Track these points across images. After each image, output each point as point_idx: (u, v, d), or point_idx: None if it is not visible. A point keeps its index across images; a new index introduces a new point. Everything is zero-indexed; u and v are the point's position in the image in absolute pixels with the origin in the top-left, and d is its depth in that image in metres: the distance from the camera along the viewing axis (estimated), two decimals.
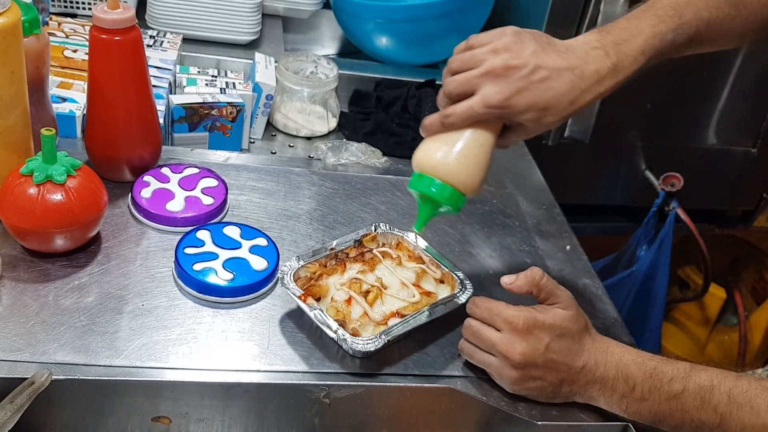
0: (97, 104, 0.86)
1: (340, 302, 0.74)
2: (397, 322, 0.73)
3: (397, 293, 0.77)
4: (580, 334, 0.72)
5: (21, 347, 0.68)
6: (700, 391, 0.67)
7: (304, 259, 0.79)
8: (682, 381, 0.68)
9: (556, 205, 1.09)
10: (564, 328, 0.71)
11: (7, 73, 0.74)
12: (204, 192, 0.89)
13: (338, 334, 0.71)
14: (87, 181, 0.77)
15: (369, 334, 0.72)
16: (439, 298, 0.78)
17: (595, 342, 0.73)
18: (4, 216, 0.76)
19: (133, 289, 0.77)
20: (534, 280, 0.73)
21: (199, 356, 0.71)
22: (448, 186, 0.72)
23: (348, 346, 0.71)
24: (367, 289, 0.76)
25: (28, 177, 0.75)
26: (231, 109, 1.07)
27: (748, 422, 0.66)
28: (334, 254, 0.81)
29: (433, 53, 1.42)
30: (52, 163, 0.75)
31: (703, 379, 0.68)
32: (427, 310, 0.75)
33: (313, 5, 1.47)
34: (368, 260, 0.80)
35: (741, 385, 0.67)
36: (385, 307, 0.75)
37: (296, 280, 0.77)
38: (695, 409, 0.68)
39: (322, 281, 0.77)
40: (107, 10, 0.80)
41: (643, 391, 0.69)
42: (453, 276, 0.81)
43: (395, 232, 0.86)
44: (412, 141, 1.25)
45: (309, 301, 0.74)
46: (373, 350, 0.70)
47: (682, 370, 0.69)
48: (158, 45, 1.18)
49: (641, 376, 0.70)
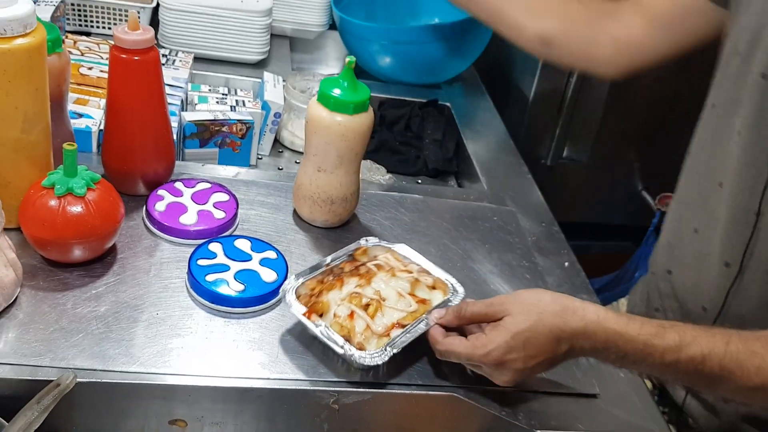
0: (115, 120, 0.89)
1: (343, 317, 0.76)
2: (399, 333, 0.76)
3: (396, 304, 0.79)
4: (548, 324, 0.72)
5: (41, 352, 0.71)
6: (692, 362, 0.70)
7: (303, 277, 0.81)
8: (674, 353, 0.70)
9: (555, 222, 1.12)
10: (525, 331, 0.71)
11: (31, 90, 0.78)
12: (216, 206, 0.93)
13: (345, 349, 0.73)
14: (105, 194, 0.81)
15: (373, 347, 0.75)
16: (434, 304, 0.81)
17: (568, 324, 0.72)
18: (25, 227, 0.79)
19: (148, 298, 0.80)
20: (461, 313, 0.76)
21: (212, 364, 0.74)
22: None
23: (355, 361, 0.73)
24: (367, 302, 0.78)
25: (49, 189, 0.78)
26: (241, 126, 1.11)
27: (739, 384, 0.70)
28: (330, 270, 0.83)
29: (435, 74, 1.46)
30: (72, 176, 0.78)
31: (694, 352, 0.70)
32: (425, 317, 0.78)
33: (320, 26, 1.51)
34: (364, 273, 0.82)
35: (730, 352, 0.70)
36: (385, 318, 0.77)
37: (298, 297, 0.78)
38: (688, 375, 0.71)
39: (323, 297, 0.79)
40: (128, 31, 0.84)
41: (635, 359, 0.72)
42: (444, 282, 0.84)
43: (384, 244, 0.89)
44: (416, 159, 1.29)
45: (313, 318, 0.76)
46: (380, 363, 0.73)
47: (673, 343, 0.71)
48: (170, 63, 1.21)
49: (632, 349, 0.71)
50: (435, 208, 1.07)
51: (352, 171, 0.94)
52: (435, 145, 1.29)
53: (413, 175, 1.28)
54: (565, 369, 0.82)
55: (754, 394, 0.72)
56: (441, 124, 1.33)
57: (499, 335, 0.72)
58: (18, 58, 0.75)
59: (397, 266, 0.85)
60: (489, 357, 0.72)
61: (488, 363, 0.73)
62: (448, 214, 1.06)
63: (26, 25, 0.75)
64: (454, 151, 1.29)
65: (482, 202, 1.11)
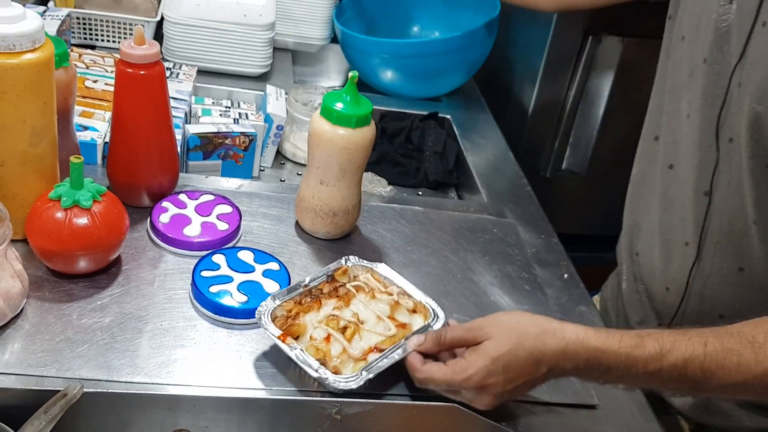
0: (121, 133, 0.91)
1: (319, 340, 0.76)
2: (376, 357, 0.75)
3: (374, 327, 0.78)
4: (527, 347, 0.72)
5: (47, 363, 0.72)
6: (675, 368, 0.71)
7: (280, 298, 0.79)
8: (656, 362, 0.71)
9: (554, 234, 1.13)
10: (506, 355, 0.72)
11: (40, 103, 0.79)
12: (219, 218, 0.94)
13: (320, 372, 0.72)
14: (111, 206, 0.82)
15: (349, 371, 0.74)
16: (414, 329, 0.80)
17: (547, 346, 0.72)
18: (31, 238, 0.81)
19: (152, 309, 0.81)
20: (440, 340, 0.76)
21: (215, 374, 0.75)
22: None
23: (329, 385, 0.73)
24: (345, 325, 0.78)
25: (56, 201, 0.79)
26: (244, 139, 1.12)
27: (721, 383, 0.71)
28: (308, 291, 0.82)
29: (436, 87, 1.47)
30: (79, 188, 0.79)
31: (675, 358, 0.71)
32: (404, 342, 0.77)
33: (321, 40, 1.53)
34: (343, 295, 0.82)
35: (709, 353, 0.71)
36: (363, 342, 0.76)
37: (274, 319, 0.77)
38: (672, 382, 0.72)
39: (300, 320, 0.78)
40: (134, 45, 0.85)
41: (619, 373, 0.72)
42: (424, 306, 0.82)
43: (365, 264, 0.87)
44: (416, 171, 1.31)
45: (288, 341, 0.75)
46: (354, 388, 0.72)
47: (654, 352, 0.71)
48: (174, 77, 1.23)
49: (615, 363, 0.72)
50: (435, 220, 1.08)
51: (353, 183, 0.95)
52: (435, 157, 1.31)
53: (414, 187, 1.30)
54: (565, 380, 0.83)
55: (735, 390, 0.72)
56: (441, 136, 1.34)
57: (479, 359, 0.72)
58: (26, 72, 0.76)
59: (377, 288, 0.84)
60: (469, 382, 0.72)
61: (469, 387, 0.73)
62: (448, 225, 1.08)
63: (35, 41, 0.76)
64: (454, 164, 1.31)
65: (482, 214, 1.13)
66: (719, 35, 0.83)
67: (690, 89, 0.88)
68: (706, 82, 0.85)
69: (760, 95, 0.77)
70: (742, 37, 0.80)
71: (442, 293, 0.93)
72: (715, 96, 0.84)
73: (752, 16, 0.78)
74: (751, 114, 0.78)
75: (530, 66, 1.56)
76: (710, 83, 0.85)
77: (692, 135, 0.87)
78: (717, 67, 0.84)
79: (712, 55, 0.84)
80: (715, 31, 0.84)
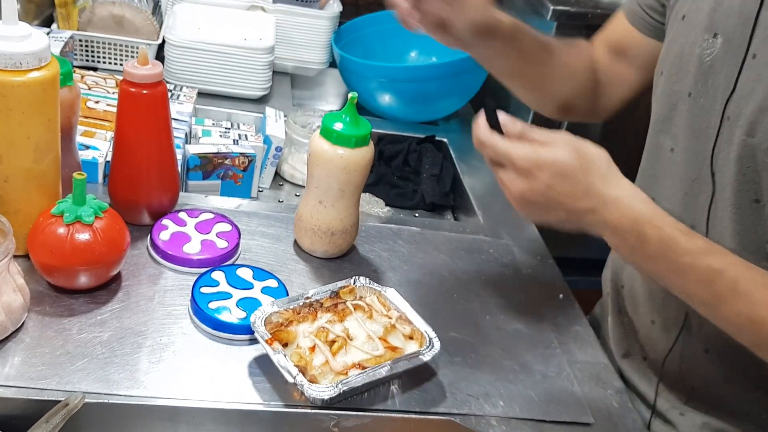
0: (123, 151, 0.92)
1: (304, 349, 0.77)
2: (356, 373, 0.75)
3: (362, 345, 0.79)
4: (586, 174, 0.72)
5: (47, 376, 0.72)
6: (708, 272, 0.69)
7: (278, 305, 0.81)
8: (694, 257, 0.70)
9: (549, 255, 1.15)
10: (568, 165, 0.71)
11: (44, 121, 0.81)
12: (219, 236, 0.95)
13: (297, 379, 0.72)
14: (112, 222, 0.83)
15: (327, 382, 0.74)
16: (405, 353, 0.80)
17: (607, 188, 0.72)
18: (33, 253, 0.81)
19: (152, 325, 0.82)
20: (514, 123, 0.75)
21: (214, 389, 0.75)
22: None
23: (304, 392, 0.73)
24: (333, 338, 0.78)
25: (58, 217, 0.80)
26: (243, 159, 1.14)
27: (740, 310, 0.69)
28: (309, 303, 0.84)
29: (433, 111, 1.49)
30: (81, 204, 0.81)
31: (715, 262, 0.69)
32: (389, 364, 0.77)
33: (320, 64, 1.55)
34: (339, 311, 0.83)
35: (749, 276, 0.69)
36: (347, 357, 0.77)
37: (267, 324, 0.78)
38: (696, 285, 0.70)
39: (291, 327, 0.80)
40: (137, 65, 0.87)
41: (652, 251, 0.71)
42: (422, 334, 0.82)
43: (374, 287, 0.88)
44: (413, 193, 1.32)
45: (274, 346, 0.76)
46: (327, 398, 0.73)
47: (696, 247, 0.70)
48: (175, 98, 1.24)
49: (655, 239, 0.70)
50: (432, 240, 1.09)
51: (352, 203, 0.96)
52: (432, 179, 1.32)
53: (411, 209, 1.31)
54: (560, 397, 0.84)
55: (749, 326, 0.71)
56: (438, 159, 1.36)
57: (544, 150, 0.72)
58: (32, 90, 0.78)
59: (379, 309, 0.85)
60: (522, 160, 0.71)
61: (518, 163, 0.72)
62: (444, 246, 1.09)
63: (41, 59, 0.78)
64: (450, 186, 1.32)
65: (478, 235, 1.14)
66: (703, 70, 0.83)
67: (674, 123, 0.88)
68: (691, 116, 0.85)
69: (750, 127, 0.77)
70: (732, 69, 0.80)
71: (438, 312, 0.94)
72: (704, 129, 0.83)
73: (743, 50, 0.78)
74: (741, 146, 0.78)
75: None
76: (696, 117, 0.84)
77: (677, 169, 0.87)
78: (702, 101, 0.83)
79: (697, 89, 0.84)
80: (699, 65, 0.83)
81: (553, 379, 0.88)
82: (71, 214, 0.80)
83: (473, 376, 0.85)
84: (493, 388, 0.84)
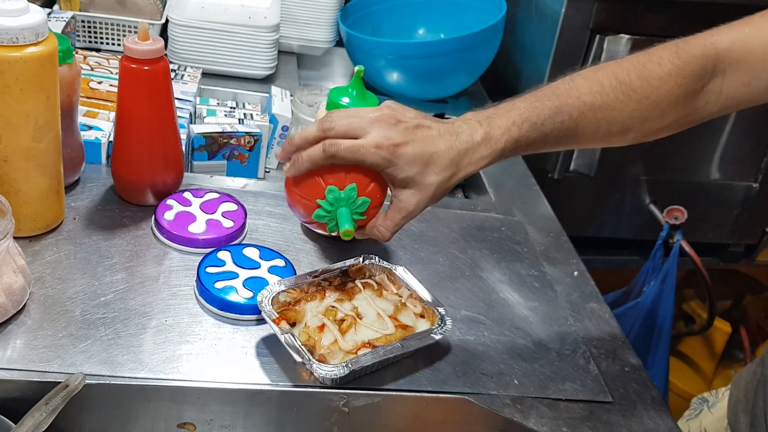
0: (125, 130, 0.90)
1: (312, 328, 0.75)
2: (366, 353, 0.73)
3: (372, 324, 0.77)
4: None
5: (50, 358, 0.71)
6: None
7: (286, 284, 0.79)
8: None
9: (563, 233, 1.12)
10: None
11: (43, 98, 0.78)
12: (224, 215, 0.93)
13: (305, 359, 0.71)
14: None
15: (337, 362, 0.72)
16: (417, 331, 0.78)
17: None
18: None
19: (157, 305, 0.80)
20: None
21: (220, 370, 0.73)
22: None
23: (313, 372, 0.71)
24: (342, 317, 0.77)
25: None
26: (249, 139, 1.11)
27: None
28: (317, 282, 0.82)
29: (442, 88, 1.47)
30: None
31: None
32: (400, 343, 0.75)
33: (327, 43, 1.53)
34: (348, 290, 0.81)
35: None
36: (357, 336, 0.75)
37: (274, 303, 0.77)
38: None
39: (299, 306, 0.78)
40: (138, 41, 0.85)
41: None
42: (434, 311, 0.80)
43: (384, 264, 0.86)
44: None
45: (282, 325, 0.74)
46: (336, 378, 0.71)
47: None
48: (179, 78, 1.22)
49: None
50: (443, 219, 1.07)
51: None
52: None
53: None
54: (577, 375, 0.82)
55: None
56: None
57: None
58: (29, 66, 0.76)
59: (389, 288, 0.83)
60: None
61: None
62: (456, 224, 1.06)
63: (38, 34, 0.76)
64: None
65: (490, 213, 1.11)
66: None
67: None
68: None
69: None
70: None
71: (450, 290, 0.91)
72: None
73: None
74: None
75: (537, 66, 1.56)
76: None
77: None
78: None
79: None
80: None
81: (569, 357, 0.85)
82: None
83: (486, 354, 0.83)
84: (507, 367, 0.82)
